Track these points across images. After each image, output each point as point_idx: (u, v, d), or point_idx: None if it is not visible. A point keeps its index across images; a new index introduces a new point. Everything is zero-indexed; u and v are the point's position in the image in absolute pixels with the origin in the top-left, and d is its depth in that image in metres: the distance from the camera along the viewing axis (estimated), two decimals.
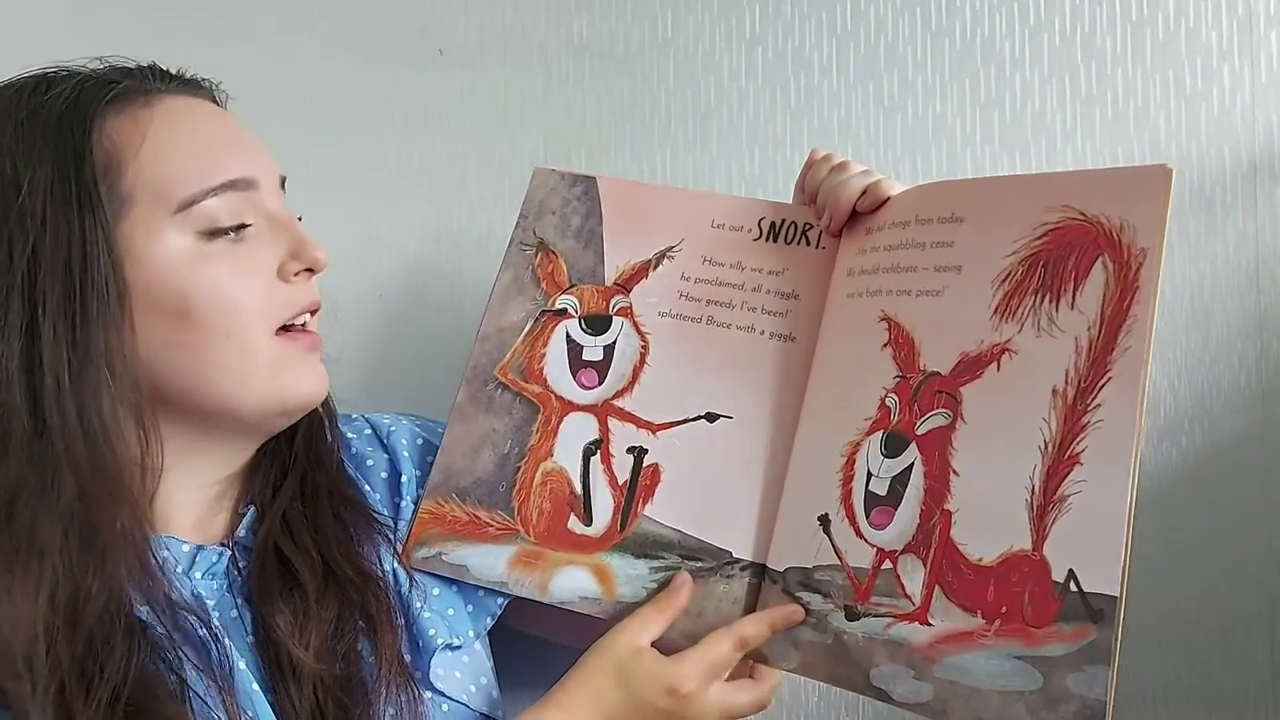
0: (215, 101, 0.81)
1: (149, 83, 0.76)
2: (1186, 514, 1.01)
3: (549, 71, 1.13)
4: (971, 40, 1.06)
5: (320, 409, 0.82)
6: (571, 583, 0.80)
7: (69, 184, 0.70)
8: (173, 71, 0.78)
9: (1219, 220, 1.02)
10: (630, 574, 0.79)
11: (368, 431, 0.87)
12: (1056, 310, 0.71)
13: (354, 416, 0.88)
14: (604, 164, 1.11)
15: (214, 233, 0.73)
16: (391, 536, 0.82)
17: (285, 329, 0.76)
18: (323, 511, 0.78)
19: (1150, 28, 1.03)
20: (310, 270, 0.77)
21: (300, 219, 0.79)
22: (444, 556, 0.81)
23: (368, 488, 0.84)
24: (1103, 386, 0.68)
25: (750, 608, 0.77)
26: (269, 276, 0.75)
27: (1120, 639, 0.65)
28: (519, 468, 0.83)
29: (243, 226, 0.74)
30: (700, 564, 0.78)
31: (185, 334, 0.72)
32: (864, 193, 0.81)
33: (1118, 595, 0.65)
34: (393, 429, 0.87)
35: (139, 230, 0.71)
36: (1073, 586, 0.66)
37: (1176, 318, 1.03)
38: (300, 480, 0.80)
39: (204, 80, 0.80)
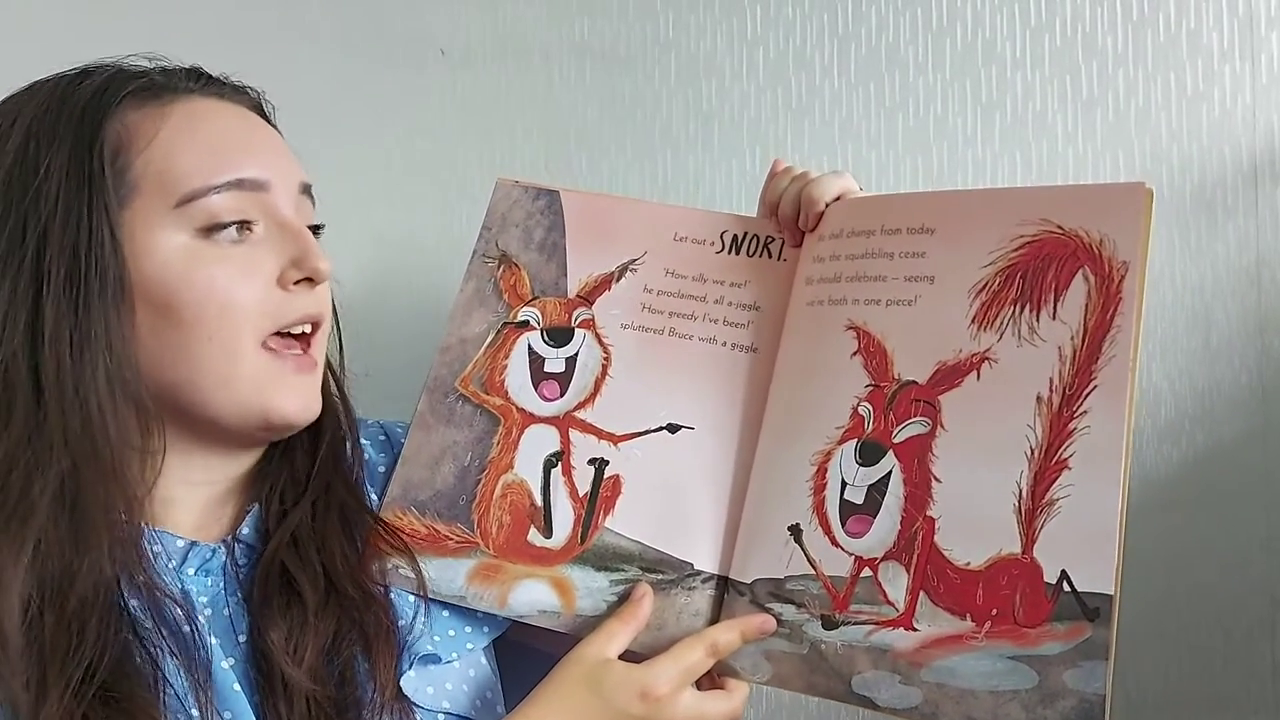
0: (261, 110, 0.81)
1: (182, 82, 0.76)
2: (1187, 514, 1.01)
3: (550, 72, 1.13)
4: (972, 41, 1.06)
5: (344, 423, 0.82)
6: (530, 596, 0.79)
7: (81, 167, 0.71)
8: (213, 75, 0.79)
9: (1220, 221, 1.02)
10: (590, 586, 0.78)
11: (381, 438, 0.87)
12: (1037, 320, 0.72)
13: (369, 422, 0.88)
14: (605, 165, 1.11)
15: (213, 229, 0.72)
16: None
17: (279, 337, 0.75)
18: (332, 526, 0.78)
19: (1151, 29, 1.03)
20: (311, 280, 0.76)
21: (321, 228, 0.79)
22: (401, 570, 0.80)
23: (375, 495, 0.83)
24: (1089, 394, 0.69)
25: (713, 620, 0.76)
26: (266, 281, 0.74)
27: (1117, 637, 0.65)
28: (479, 480, 0.82)
29: (245, 224, 0.73)
30: (661, 576, 0.78)
31: (171, 331, 0.72)
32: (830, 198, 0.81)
33: (1113, 593, 0.65)
34: (403, 437, 0.86)
35: (139, 220, 0.72)
36: (1065, 587, 0.67)
37: (1177, 319, 1.03)
38: (317, 494, 0.79)
39: (248, 89, 0.80)
